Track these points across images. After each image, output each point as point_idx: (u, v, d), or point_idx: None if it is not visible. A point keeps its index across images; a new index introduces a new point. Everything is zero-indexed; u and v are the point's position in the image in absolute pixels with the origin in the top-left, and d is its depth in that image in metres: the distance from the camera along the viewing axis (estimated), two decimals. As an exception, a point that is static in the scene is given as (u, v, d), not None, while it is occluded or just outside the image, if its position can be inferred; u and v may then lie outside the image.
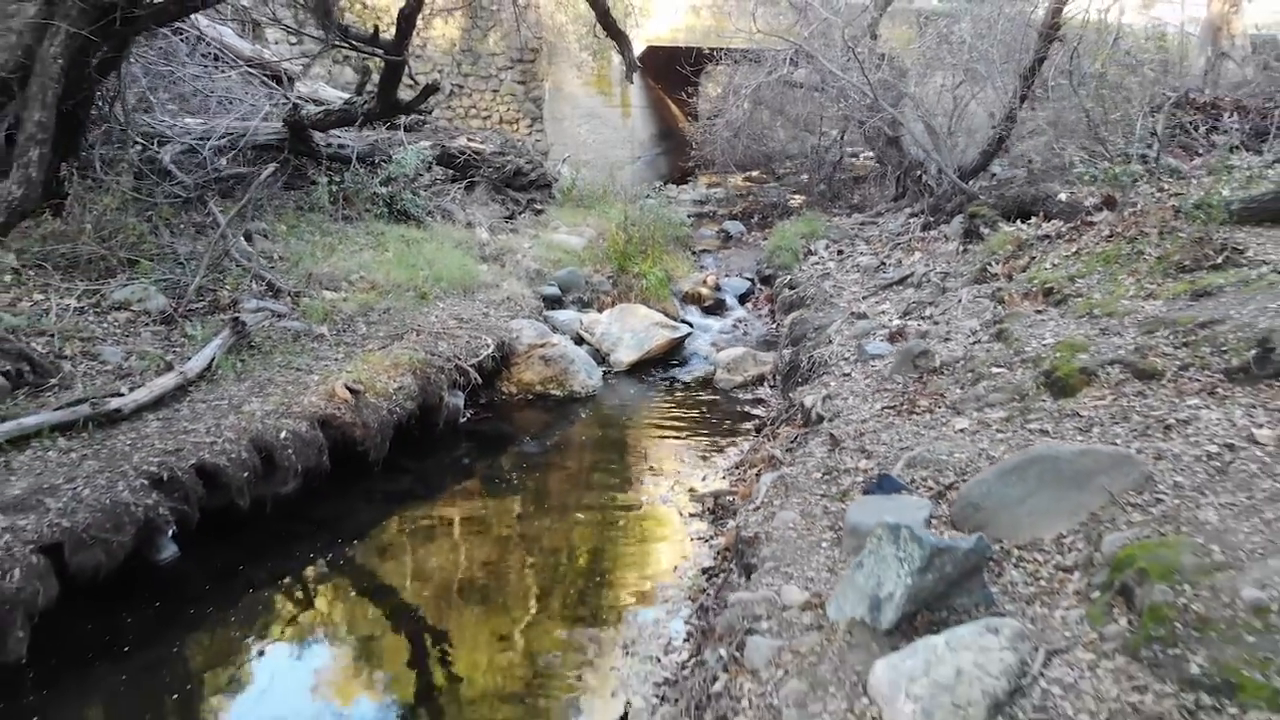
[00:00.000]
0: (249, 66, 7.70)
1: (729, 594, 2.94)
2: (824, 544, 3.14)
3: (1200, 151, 6.46)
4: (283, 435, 4.43)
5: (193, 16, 6.29)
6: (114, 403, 4.22)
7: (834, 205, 12.46)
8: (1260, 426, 3.06)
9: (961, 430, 3.73)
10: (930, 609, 2.44)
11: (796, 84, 12.23)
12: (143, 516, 3.74)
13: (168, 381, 4.54)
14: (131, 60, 6.02)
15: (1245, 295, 4.10)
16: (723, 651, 2.54)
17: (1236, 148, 6.45)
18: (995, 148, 8.31)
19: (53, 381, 4.48)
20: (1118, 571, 2.41)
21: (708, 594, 3.47)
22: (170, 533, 3.89)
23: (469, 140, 9.86)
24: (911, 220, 9.40)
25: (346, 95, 9.64)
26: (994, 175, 9.38)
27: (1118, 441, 3.16)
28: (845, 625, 2.54)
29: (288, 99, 7.06)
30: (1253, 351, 3.53)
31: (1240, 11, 10.47)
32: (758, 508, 3.66)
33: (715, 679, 2.46)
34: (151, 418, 4.33)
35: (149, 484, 3.86)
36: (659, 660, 3.28)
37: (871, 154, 12.97)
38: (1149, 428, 3.23)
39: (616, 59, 11.77)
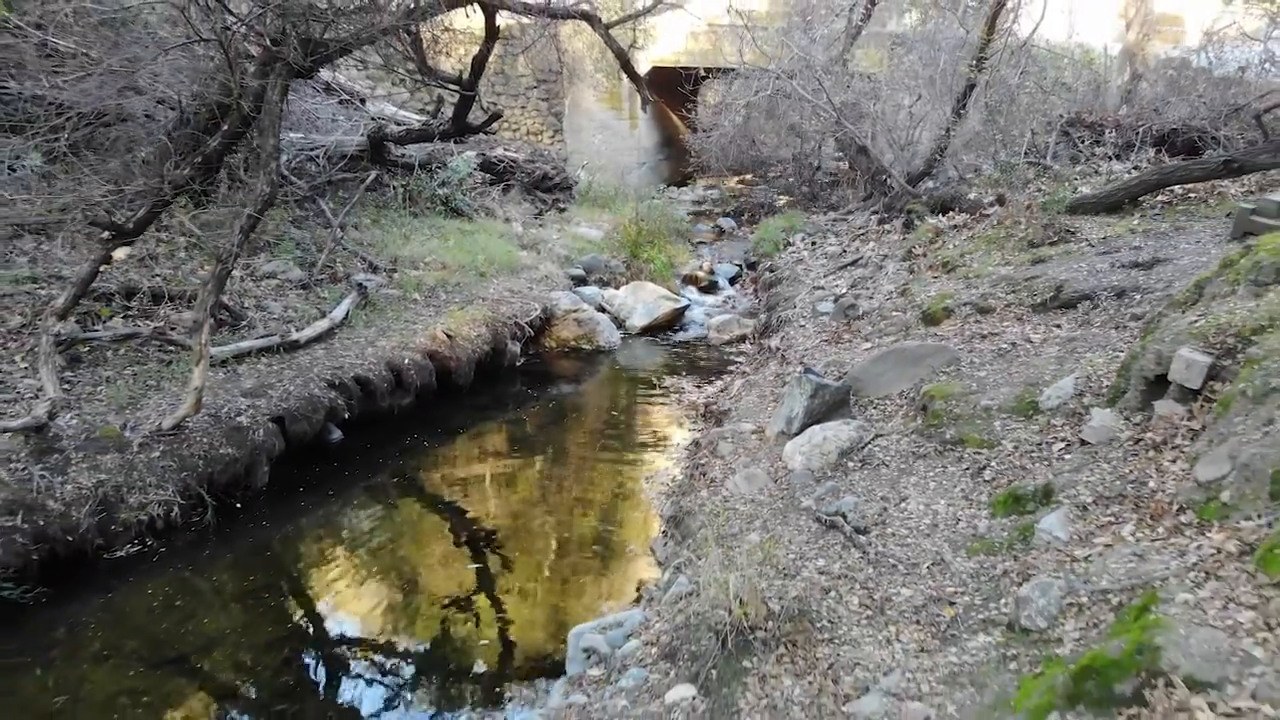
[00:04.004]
0: (343, 91, 9.64)
1: (709, 431, 4.89)
2: (769, 408, 5.09)
3: (1083, 160, 8.37)
4: (406, 362, 6.39)
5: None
6: (294, 335, 6.18)
7: (814, 205, 14.34)
8: (1037, 334, 5.01)
9: (864, 349, 5.67)
10: (818, 422, 4.38)
11: (785, 94, 14.10)
12: (328, 405, 5.71)
13: (322, 325, 6.50)
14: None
15: (1064, 261, 6.05)
16: (704, 449, 4.49)
17: (1110, 157, 8.39)
18: (935, 158, 10.24)
19: (243, 323, 6.43)
20: (922, 399, 4.35)
21: (697, 448, 5.41)
22: (344, 416, 5.83)
23: (505, 150, 11.83)
24: (872, 217, 11.31)
25: (406, 110, 11.63)
26: (949, 178, 11.27)
27: (951, 345, 5.10)
28: (773, 436, 4.48)
29: (373, 119, 8.99)
30: (1050, 294, 5.48)
31: (1151, 38, 12.44)
32: (732, 397, 5.61)
33: (701, 460, 4.40)
34: (318, 348, 6.29)
35: (328, 385, 5.83)
36: (665, 484, 5.22)
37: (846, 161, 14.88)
38: (974, 338, 5.18)
39: (625, 78, 13.69)
